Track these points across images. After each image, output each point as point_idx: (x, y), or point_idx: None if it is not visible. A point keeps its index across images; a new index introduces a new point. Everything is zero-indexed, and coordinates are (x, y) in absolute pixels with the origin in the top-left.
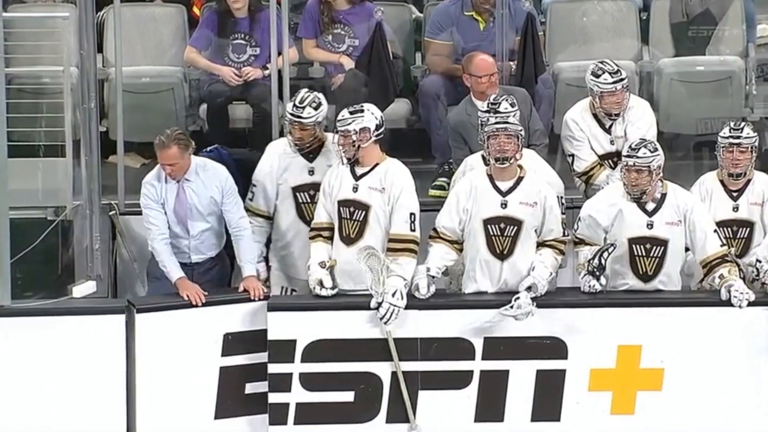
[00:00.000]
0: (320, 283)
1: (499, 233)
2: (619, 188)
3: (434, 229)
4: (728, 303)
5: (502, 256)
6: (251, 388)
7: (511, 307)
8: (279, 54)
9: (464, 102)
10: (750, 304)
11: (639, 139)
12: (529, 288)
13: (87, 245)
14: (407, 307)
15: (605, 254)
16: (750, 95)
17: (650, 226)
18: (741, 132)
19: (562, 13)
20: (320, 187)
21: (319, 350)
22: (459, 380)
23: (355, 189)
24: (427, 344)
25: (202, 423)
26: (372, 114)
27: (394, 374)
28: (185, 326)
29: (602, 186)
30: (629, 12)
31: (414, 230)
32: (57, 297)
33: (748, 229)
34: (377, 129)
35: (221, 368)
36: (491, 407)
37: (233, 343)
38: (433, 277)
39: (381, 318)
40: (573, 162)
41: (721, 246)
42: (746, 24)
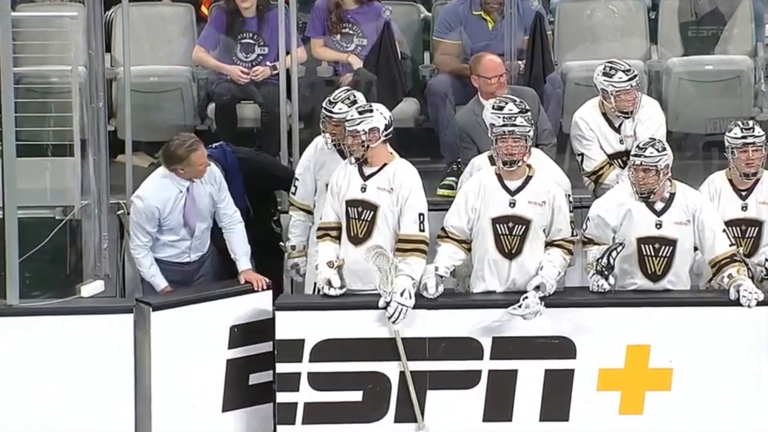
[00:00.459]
0: (328, 283)
1: (508, 232)
2: (628, 188)
3: (443, 229)
4: (737, 303)
5: (511, 256)
6: (255, 379)
7: (520, 307)
8: (287, 53)
9: (472, 102)
10: (759, 304)
11: (648, 139)
12: (538, 287)
13: (95, 245)
14: (415, 307)
15: (614, 253)
16: (759, 94)
17: (659, 226)
18: (753, 131)
19: (571, 13)
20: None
21: (328, 350)
22: (467, 380)
23: (364, 189)
24: (436, 344)
25: (211, 417)
26: (381, 114)
27: (402, 374)
28: (196, 322)
29: (612, 185)
30: (638, 11)
31: (423, 230)
32: (65, 296)
33: (757, 229)
34: (386, 129)
35: (228, 361)
36: (499, 407)
37: (239, 335)
38: (442, 277)
39: (389, 317)
40: (582, 161)
41: (730, 245)
42: (755, 23)
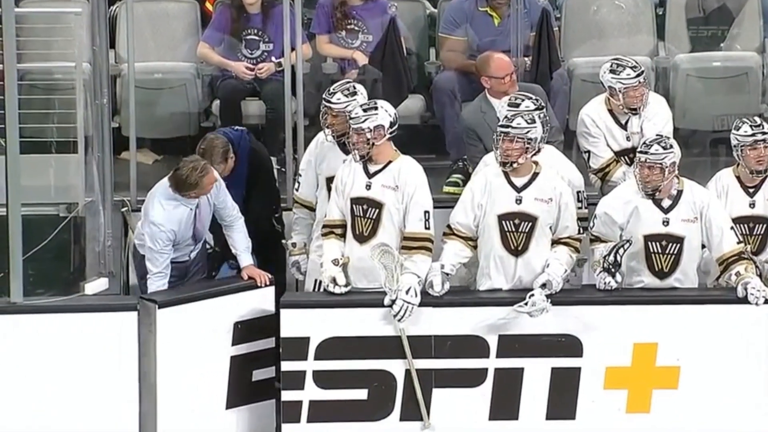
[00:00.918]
0: (333, 281)
1: (514, 229)
2: (635, 185)
3: (448, 226)
4: (745, 300)
5: (517, 253)
6: (258, 375)
7: (526, 304)
8: (292, 50)
9: (478, 99)
10: (767, 302)
11: (654, 136)
12: (544, 285)
13: (99, 242)
14: (421, 305)
15: (621, 251)
16: (767, 91)
17: (666, 223)
18: (762, 128)
19: (578, 9)
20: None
21: (333, 348)
22: (473, 378)
23: (369, 187)
24: (441, 342)
25: (215, 413)
26: (386, 111)
27: (408, 372)
28: (201, 318)
29: (619, 182)
30: (645, 7)
31: (429, 228)
32: (69, 294)
33: (765, 226)
34: (391, 126)
35: (231, 357)
36: (506, 405)
37: (243, 332)
38: (448, 275)
39: (395, 315)
40: (589, 158)
41: (738, 243)
42: (763, 19)
